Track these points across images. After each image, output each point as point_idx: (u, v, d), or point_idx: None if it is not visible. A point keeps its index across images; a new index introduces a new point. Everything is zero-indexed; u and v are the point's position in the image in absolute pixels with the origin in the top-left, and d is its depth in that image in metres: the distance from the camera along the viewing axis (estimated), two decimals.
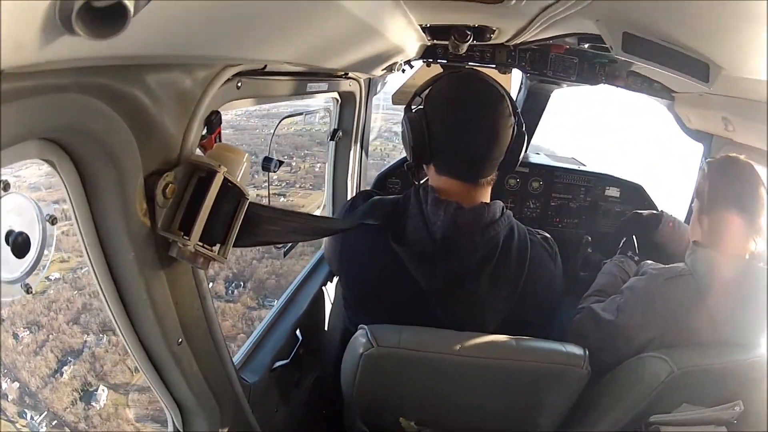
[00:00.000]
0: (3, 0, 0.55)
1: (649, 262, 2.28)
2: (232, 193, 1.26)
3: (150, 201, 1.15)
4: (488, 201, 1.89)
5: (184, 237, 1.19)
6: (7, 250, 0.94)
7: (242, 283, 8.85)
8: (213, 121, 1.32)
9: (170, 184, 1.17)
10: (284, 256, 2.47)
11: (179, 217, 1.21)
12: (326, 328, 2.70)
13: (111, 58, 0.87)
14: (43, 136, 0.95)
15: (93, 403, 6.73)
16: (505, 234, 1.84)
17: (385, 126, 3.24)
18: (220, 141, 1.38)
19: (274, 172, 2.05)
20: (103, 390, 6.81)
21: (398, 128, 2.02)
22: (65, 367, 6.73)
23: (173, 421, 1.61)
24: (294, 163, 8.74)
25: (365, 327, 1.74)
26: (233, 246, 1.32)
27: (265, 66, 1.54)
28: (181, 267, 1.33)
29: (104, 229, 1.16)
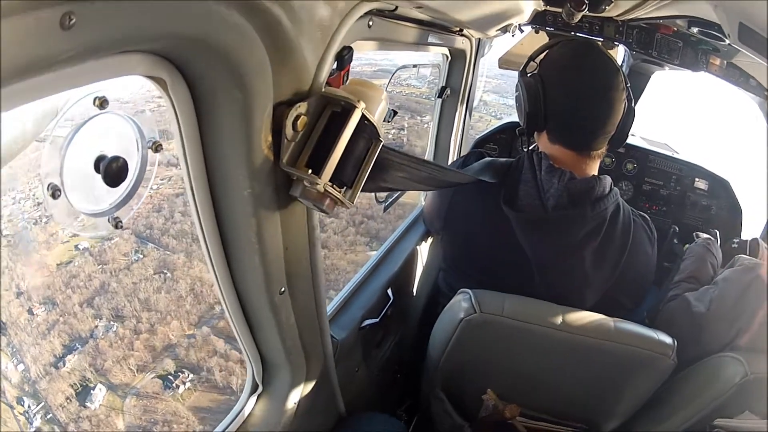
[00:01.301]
0: None
1: (743, 256, 2.21)
2: (368, 131, 1.17)
3: (276, 133, 1.07)
4: (597, 174, 1.86)
5: (313, 175, 1.10)
6: (97, 177, 0.86)
7: None
8: (345, 57, 1.23)
9: (302, 116, 1.08)
10: (384, 210, 2.45)
11: (307, 153, 1.12)
12: (414, 292, 2.64)
13: None
14: (157, 45, 0.85)
15: None
16: (612, 210, 1.82)
17: (477, 95, 3.16)
18: (347, 79, 1.28)
19: (388, 122, 1.99)
20: None
21: (488, 97, 1.94)
22: None
23: (254, 375, 1.56)
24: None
25: (468, 291, 1.71)
26: (360, 191, 1.23)
27: (396, 8, 1.45)
28: (298, 209, 1.25)
29: (217, 160, 1.08)
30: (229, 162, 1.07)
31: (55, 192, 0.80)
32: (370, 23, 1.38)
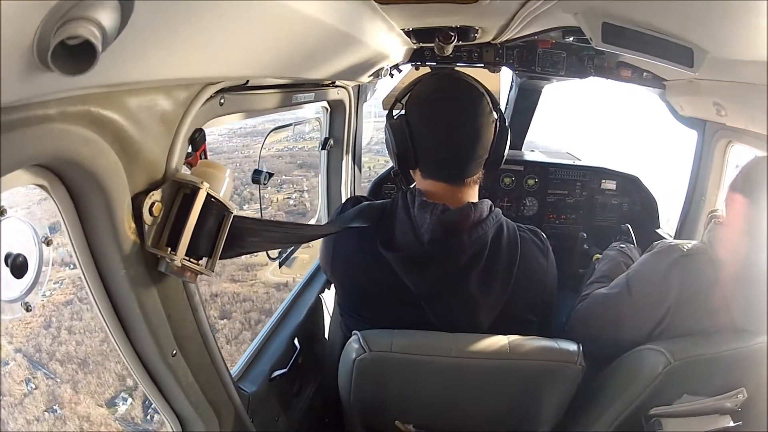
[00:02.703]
0: None
1: (662, 240, 2.20)
2: (215, 208, 1.30)
3: (138, 220, 1.18)
4: (476, 200, 1.89)
5: (171, 252, 1.22)
6: (6, 271, 0.98)
7: None
8: (197, 139, 1.35)
9: (156, 203, 1.19)
10: (279, 266, 2.51)
11: (166, 233, 1.24)
12: (326, 336, 2.70)
13: (92, 87, 0.90)
14: (34, 163, 0.98)
15: None
16: (493, 232, 1.84)
17: (376, 137, 3.21)
18: (205, 157, 1.41)
19: (264, 184, 2.06)
20: None
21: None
22: None
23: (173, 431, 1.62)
24: (267, 195, 8.37)
25: (357, 333, 1.75)
26: (219, 258, 1.35)
27: (248, 81, 1.55)
28: (172, 281, 1.35)
29: (97, 247, 1.19)
30: (105, 248, 1.18)
31: None
32: (222, 101, 1.46)
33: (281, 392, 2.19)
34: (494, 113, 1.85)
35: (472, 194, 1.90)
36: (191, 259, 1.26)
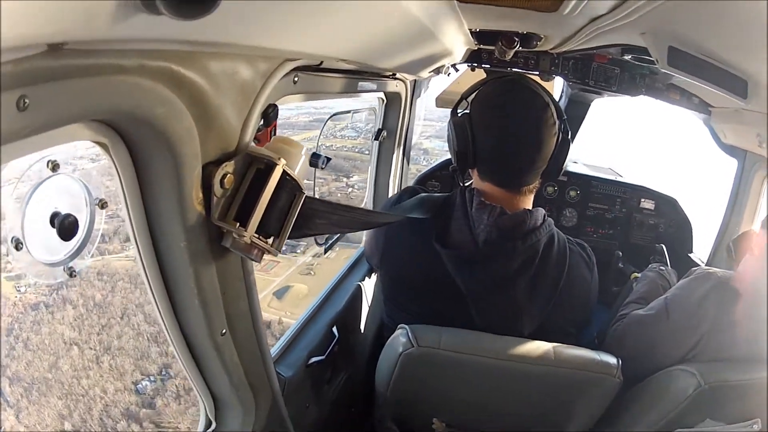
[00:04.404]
0: None
1: (698, 267, 2.20)
2: (289, 186, 1.26)
3: (206, 190, 1.15)
4: (531, 208, 1.89)
5: (240, 228, 1.19)
6: (52, 232, 0.94)
7: None
8: (270, 114, 1.32)
9: (228, 175, 1.16)
10: (324, 252, 2.51)
11: (235, 208, 1.21)
12: (362, 327, 2.69)
13: (178, 42, 0.88)
14: (99, 117, 0.95)
15: None
16: (545, 241, 1.85)
17: (416, 140, 3.22)
18: (275, 135, 1.39)
19: (322, 168, 2.07)
20: None
21: (429, 144, 2.02)
22: None
23: (206, 412, 1.61)
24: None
25: (406, 327, 1.75)
26: (287, 238, 1.32)
27: (321, 62, 1.54)
28: (231, 258, 1.33)
29: (156, 215, 1.16)
30: (165, 218, 1.15)
31: (18, 244, 0.90)
32: (296, 79, 1.45)
33: (315, 379, 2.19)
34: (558, 124, 1.85)
35: (528, 201, 1.91)
36: (260, 237, 1.23)
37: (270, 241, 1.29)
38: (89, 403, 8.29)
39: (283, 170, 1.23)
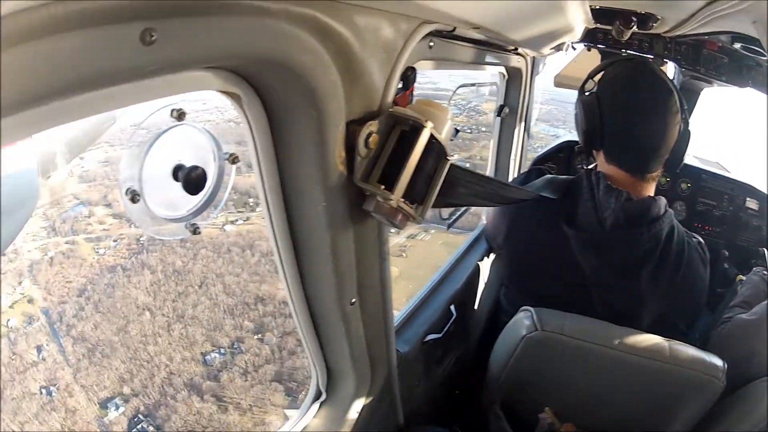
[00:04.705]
0: None
1: None
2: (436, 150, 1.21)
3: (349, 150, 1.11)
4: (653, 195, 1.87)
5: (385, 191, 1.13)
6: (176, 185, 0.90)
7: None
8: (409, 77, 1.29)
9: (373, 134, 1.12)
10: (448, 228, 2.48)
11: (379, 170, 1.16)
12: (476, 308, 2.66)
13: None
14: (236, 62, 0.89)
15: None
16: (666, 231, 1.82)
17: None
18: (412, 99, 1.34)
19: (452, 140, 2.05)
20: None
21: (535, 128, 1.99)
22: None
23: (318, 383, 1.60)
24: None
25: (530, 309, 1.73)
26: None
27: (454, 29, 1.50)
28: (369, 223, 1.29)
29: (292, 175, 1.12)
30: (304, 177, 1.12)
31: (134, 196, 0.85)
32: (431, 44, 1.42)
33: (427, 357, 2.16)
34: (680, 113, 1.83)
35: (651, 189, 1.89)
36: (407, 202, 1.17)
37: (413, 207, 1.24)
38: (152, 369, 8.52)
39: (431, 134, 1.18)
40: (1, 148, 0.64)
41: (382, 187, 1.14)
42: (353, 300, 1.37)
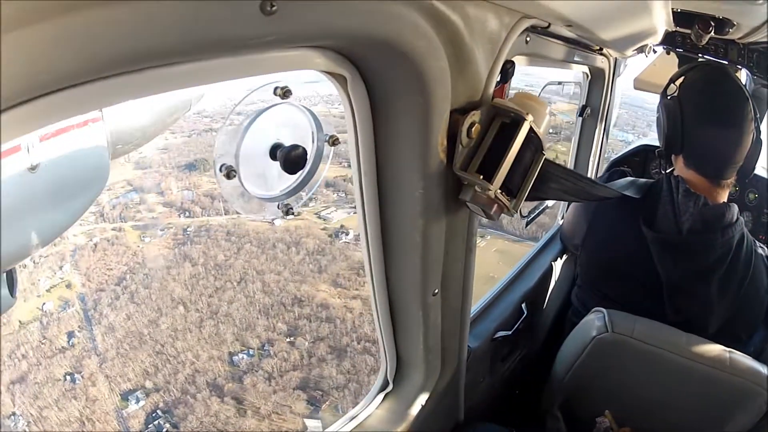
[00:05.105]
0: None
1: None
2: (534, 143, 1.20)
3: (451, 138, 1.11)
4: (727, 202, 1.88)
5: (484, 181, 1.13)
6: (271, 164, 0.90)
7: None
8: (508, 70, 1.29)
9: (476, 124, 1.12)
10: (526, 225, 2.51)
11: (478, 160, 1.15)
12: (544, 308, 2.66)
13: None
14: (349, 41, 0.89)
15: None
16: (737, 239, 1.83)
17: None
18: (508, 92, 1.36)
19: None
20: None
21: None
22: None
23: (386, 374, 1.60)
24: None
25: (602, 310, 1.73)
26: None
27: (549, 25, 1.50)
28: (462, 214, 1.29)
29: (390, 159, 1.12)
30: (403, 162, 1.12)
31: (229, 173, 0.86)
32: (528, 39, 1.42)
33: (495, 354, 2.17)
34: (755, 121, 1.85)
35: (725, 196, 1.90)
36: (504, 194, 1.17)
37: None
38: (177, 366, 8.57)
39: (530, 127, 1.17)
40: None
41: (481, 177, 1.14)
42: (436, 290, 1.37)
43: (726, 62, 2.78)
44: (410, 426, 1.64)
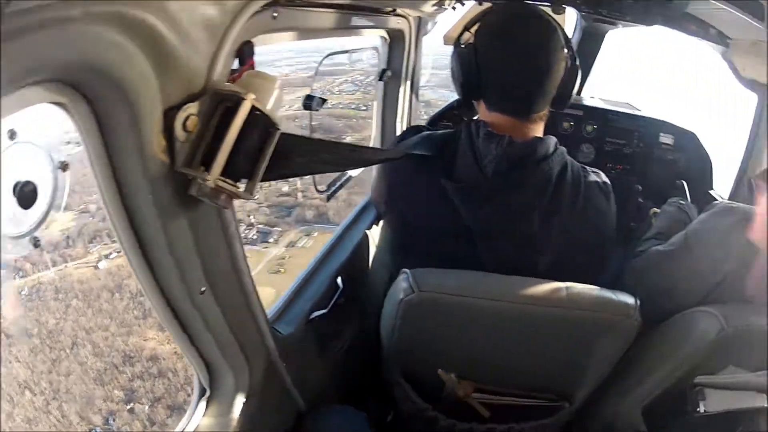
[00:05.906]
0: None
1: (721, 201, 2.14)
2: (260, 122, 1.15)
3: (170, 136, 1.07)
4: (541, 136, 1.82)
5: (204, 172, 1.10)
6: (14, 202, 0.91)
7: None
8: (245, 52, 1.23)
9: (191, 116, 1.07)
10: (327, 200, 2.40)
11: (201, 152, 1.11)
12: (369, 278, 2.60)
13: None
14: (51, 76, 0.87)
15: None
16: (558, 170, 1.77)
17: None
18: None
19: (316, 110, 1.94)
20: None
21: (433, 94, 1.92)
22: None
23: (200, 381, 1.55)
24: None
25: (407, 271, 1.67)
26: (261, 180, 1.21)
27: None
28: (205, 209, 1.24)
29: (121, 170, 1.08)
30: (131, 171, 1.07)
31: None
32: (275, 14, 1.35)
33: (319, 334, 2.11)
34: (566, 49, 1.79)
35: (538, 130, 1.84)
36: (227, 180, 1.12)
37: (242, 184, 1.19)
38: None
39: (252, 105, 1.12)
40: None
41: (202, 168, 1.10)
42: (202, 289, 1.33)
43: (548, 4, 2.78)
44: (243, 426, 1.60)
